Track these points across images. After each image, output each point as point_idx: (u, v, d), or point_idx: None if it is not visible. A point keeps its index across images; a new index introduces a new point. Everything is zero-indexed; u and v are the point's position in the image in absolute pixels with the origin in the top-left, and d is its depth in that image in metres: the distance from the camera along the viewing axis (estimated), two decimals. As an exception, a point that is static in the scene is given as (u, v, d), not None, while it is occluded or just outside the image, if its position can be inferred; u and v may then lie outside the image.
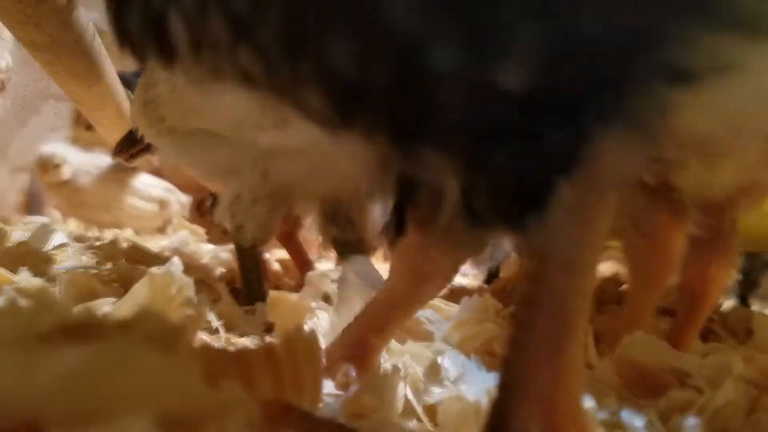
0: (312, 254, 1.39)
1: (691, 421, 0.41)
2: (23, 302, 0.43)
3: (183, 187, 2.41)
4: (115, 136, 2.19)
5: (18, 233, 1.06)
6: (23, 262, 0.77)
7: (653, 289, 0.65)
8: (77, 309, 0.54)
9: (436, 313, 0.63)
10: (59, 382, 0.26)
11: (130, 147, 1.28)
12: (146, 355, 0.28)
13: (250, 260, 0.92)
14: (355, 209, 0.97)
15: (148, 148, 1.25)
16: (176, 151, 0.95)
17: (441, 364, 0.50)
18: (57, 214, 1.92)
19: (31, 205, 1.91)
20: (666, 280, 0.66)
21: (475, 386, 0.47)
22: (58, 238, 1.13)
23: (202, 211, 2.66)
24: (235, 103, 0.81)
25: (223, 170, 0.91)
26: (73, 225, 1.84)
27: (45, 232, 0.97)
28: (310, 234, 1.44)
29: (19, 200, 1.83)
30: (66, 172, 1.90)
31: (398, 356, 0.52)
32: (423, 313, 0.62)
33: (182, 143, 0.92)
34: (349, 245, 0.96)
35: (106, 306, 0.60)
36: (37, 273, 0.75)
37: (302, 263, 1.32)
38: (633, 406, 0.43)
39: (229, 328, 0.61)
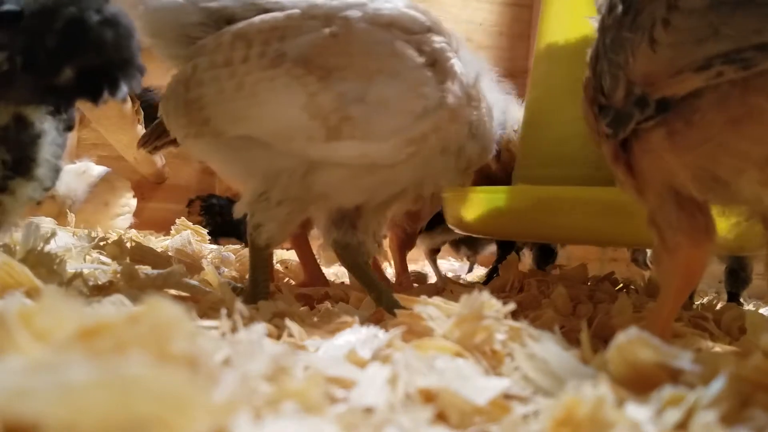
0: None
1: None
2: (32, 304, 0.44)
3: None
4: (115, 136, 2.21)
5: (22, 234, 1.07)
6: (30, 262, 0.78)
7: (677, 298, 0.68)
8: (87, 309, 0.55)
9: (437, 310, 0.64)
10: (64, 392, 0.27)
11: (156, 139, 1.28)
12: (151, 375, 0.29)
13: (261, 259, 0.94)
14: (361, 215, 0.98)
15: (174, 142, 1.25)
16: (211, 153, 0.95)
17: (440, 361, 0.51)
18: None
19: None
20: (688, 291, 0.70)
21: (474, 383, 0.48)
22: (62, 238, 1.14)
23: (191, 210, 2.68)
24: (289, 111, 0.83)
25: (257, 173, 0.92)
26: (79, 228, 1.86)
27: (49, 232, 0.98)
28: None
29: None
30: (59, 202, 2.01)
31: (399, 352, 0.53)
32: (424, 310, 0.63)
33: (220, 146, 0.92)
34: (348, 248, 0.98)
35: (113, 304, 0.61)
36: (42, 273, 0.76)
37: (308, 263, 1.33)
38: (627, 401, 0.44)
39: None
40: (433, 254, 1.83)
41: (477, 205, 1.16)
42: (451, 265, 2.32)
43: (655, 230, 0.67)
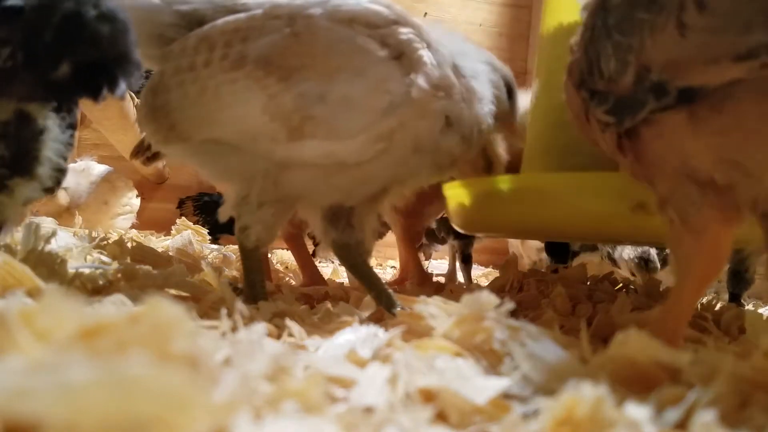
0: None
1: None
2: (33, 304, 0.44)
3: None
4: (116, 136, 2.21)
5: (22, 234, 1.07)
6: (30, 262, 0.78)
7: (699, 286, 0.62)
8: (88, 309, 0.55)
9: (438, 309, 0.64)
10: (64, 392, 0.27)
11: (147, 149, 1.29)
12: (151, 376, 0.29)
13: (253, 261, 0.93)
14: (356, 214, 0.98)
15: None
16: (186, 157, 0.95)
17: (440, 360, 0.51)
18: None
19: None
20: (713, 278, 0.63)
21: (474, 382, 0.48)
22: (62, 238, 1.14)
23: (183, 211, 2.68)
24: (250, 113, 0.82)
25: (234, 176, 0.91)
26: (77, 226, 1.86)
27: (49, 232, 0.98)
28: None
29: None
30: (63, 199, 2.00)
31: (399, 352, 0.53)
32: (425, 309, 0.63)
33: (192, 151, 0.92)
34: (347, 247, 0.98)
35: (115, 304, 0.61)
36: (43, 273, 0.76)
37: (306, 264, 1.33)
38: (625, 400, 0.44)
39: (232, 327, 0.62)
40: (463, 259, 1.84)
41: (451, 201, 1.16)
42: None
43: (673, 212, 0.61)
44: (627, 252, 1.73)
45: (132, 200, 2.47)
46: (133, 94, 2.04)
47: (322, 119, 0.82)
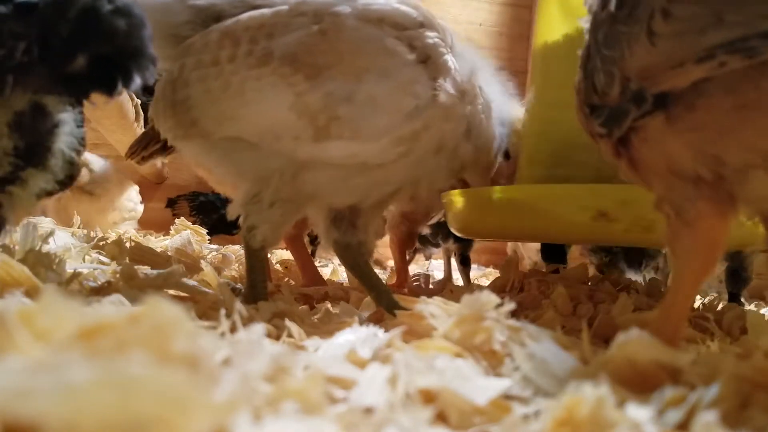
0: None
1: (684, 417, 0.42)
2: (32, 304, 0.44)
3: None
4: (115, 136, 2.21)
5: (20, 233, 1.07)
6: (29, 262, 0.78)
7: (696, 279, 0.63)
8: (88, 309, 0.55)
9: (438, 309, 0.64)
10: (64, 392, 0.27)
11: (144, 149, 1.28)
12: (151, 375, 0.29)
13: (257, 261, 0.93)
14: (361, 215, 0.98)
15: (162, 150, 1.24)
16: (201, 154, 0.95)
17: (440, 361, 0.51)
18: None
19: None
20: (710, 271, 0.64)
21: (474, 383, 0.48)
22: (61, 238, 1.14)
23: (178, 211, 2.67)
24: (276, 111, 0.81)
25: (248, 174, 0.91)
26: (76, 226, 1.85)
27: (48, 232, 0.98)
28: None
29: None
30: (82, 177, 1.99)
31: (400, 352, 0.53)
32: (425, 309, 0.63)
33: (210, 148, 0.91)
34: (348, 247, 0.98)
35: (114, 304, 0.61)
36: (41, 273, 0.76)
37: (306, 264, 1.33)
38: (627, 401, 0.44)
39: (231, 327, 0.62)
40: (462, 261, 1.84)
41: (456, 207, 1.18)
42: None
43: (668, 208, 0.63)
44: None
45: (137, 206, 2.48)
46: (132, 94, 2.04)
47: (349, 120, 0.81)
